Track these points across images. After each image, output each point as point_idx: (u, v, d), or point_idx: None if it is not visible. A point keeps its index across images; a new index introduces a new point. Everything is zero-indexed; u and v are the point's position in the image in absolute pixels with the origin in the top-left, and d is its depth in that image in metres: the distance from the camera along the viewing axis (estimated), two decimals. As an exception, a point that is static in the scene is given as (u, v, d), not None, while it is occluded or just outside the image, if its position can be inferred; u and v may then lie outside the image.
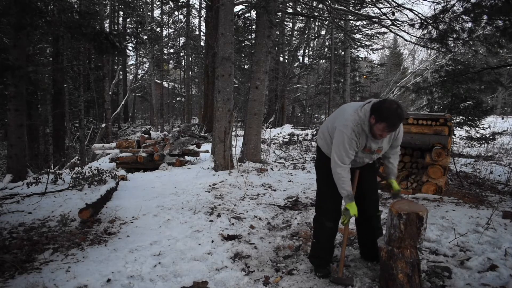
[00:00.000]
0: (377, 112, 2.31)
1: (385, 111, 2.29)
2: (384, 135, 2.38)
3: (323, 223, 2.71)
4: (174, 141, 8.33)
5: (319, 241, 2.74)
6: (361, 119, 2.41)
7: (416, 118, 5.47)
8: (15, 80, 5.53)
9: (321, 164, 2.75)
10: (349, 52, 15.87)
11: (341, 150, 2.46)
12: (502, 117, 21.73)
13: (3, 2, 5.51)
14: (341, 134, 2.45)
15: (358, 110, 2.44)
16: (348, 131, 2.41)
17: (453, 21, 6.05)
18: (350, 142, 2.43)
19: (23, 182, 5.50)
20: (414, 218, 2.24)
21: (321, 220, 2.73)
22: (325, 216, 2.72)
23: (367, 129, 2.41)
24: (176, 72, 32.82)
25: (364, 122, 2.40)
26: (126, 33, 16.61)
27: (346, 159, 2.48)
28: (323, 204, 2.75)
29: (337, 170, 2.49)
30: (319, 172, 2.80)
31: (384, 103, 2.34)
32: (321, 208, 2.75)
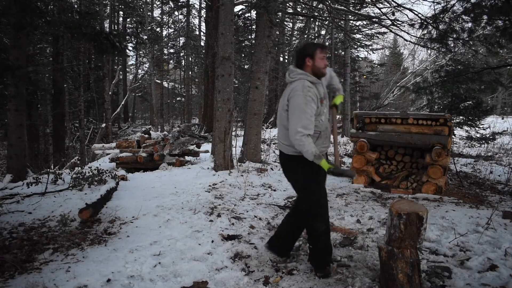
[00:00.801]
0: (306, 52, 2.45)
1: (308, 45, 2.51)
2: (326, 61, 2.47)
3: (318, 229, 2.60)
4: (174, 141, 8.33)
5: (317, 246, 2.66)
6: (303, 77, 2.41)
7: (416, 118, 5.47)
8: (15, 80, 5.54)
9: (292, 168, 2.59)
10: (349, 52, 15.87)
11: (301, 113, 2.33)
12: (502, 117, 21.75)
13: (3, 2, 5.51)
14: (296, 97, 2.35)
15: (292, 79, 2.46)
16: (301, 91, 2.35)
17: (453, 21, 6.05)
18: (306, 100, 2.33)
19: (23, 182, 5.50)
20: (414, 218, 2.24)
21: (316, 226, 2.60)
22: (318, 220, 2.60)
23: (312, 78, 2.43)
24: (176, 72, 32.83)
25: (307, 75, 2.42)
26: (126, 33, 16.63)
27: (306, 124, 2.33)
28: (313, 209, 2.59)
29: (299, 138, 2.32)
30: (294, 177, 2.62)
31: (300, 47, 2.55)
32: (312, 214, 2.61)
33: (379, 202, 4.77)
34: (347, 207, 4.52)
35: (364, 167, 5.73)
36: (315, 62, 2.43)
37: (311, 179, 2.54)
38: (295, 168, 2.56)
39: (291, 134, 2.36)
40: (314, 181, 2.55)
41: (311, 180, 2.53)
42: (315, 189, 2.57)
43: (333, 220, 3.96)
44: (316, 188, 2.58)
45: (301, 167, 2.50)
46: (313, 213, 2.59)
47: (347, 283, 2.56)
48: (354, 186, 5.65)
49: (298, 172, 2.56)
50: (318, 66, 2.44)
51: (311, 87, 2.38)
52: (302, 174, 2.54)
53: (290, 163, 2.59)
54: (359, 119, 5.93)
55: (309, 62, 2.43)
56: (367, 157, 5.70)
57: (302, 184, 2.59)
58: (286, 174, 2.69)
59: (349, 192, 5.33)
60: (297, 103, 2.34)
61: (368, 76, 21.39)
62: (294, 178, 2.64)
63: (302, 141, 2.32)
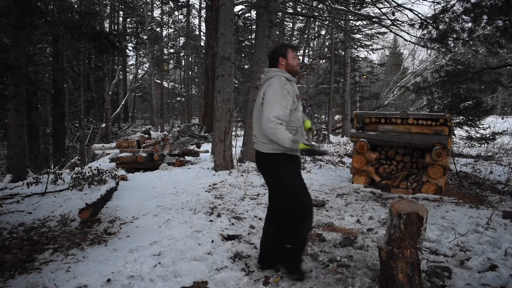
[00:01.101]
0: (279, 52, 2.54)
1: (279, 46, 2.60)
2: (297, 60, 2.58)
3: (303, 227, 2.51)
4: (174, 141, 8.33)
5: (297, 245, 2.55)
6: (279, 73, 2.47)
7: (416, 118, 5.47)
8: (15, 80, 5.54)
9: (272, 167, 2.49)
10: (349, 52, 15.87)
11: (276, 102, 2.33)
12: (502, 117, 21.76)
13: (3, 2, 5.51)
14: (272, 89, 2.38)
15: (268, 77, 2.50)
16: (277, 83, 2.40)
17: (453, 21, 6.05)
18: (283, 92, 2.37)
19: (23, 182, 5.50)
20: (414, 218, 2.24)
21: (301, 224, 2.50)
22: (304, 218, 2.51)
23: (287, 75, 2.49)
24: (176, 72, 32.83)
25: (282, 72, 2.49)
26: (126, 33, 16.63)
27: (281, 113, 2.32)
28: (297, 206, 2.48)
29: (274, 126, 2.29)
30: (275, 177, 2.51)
31: (272, 49, 2.63)
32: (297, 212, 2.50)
33: (379, 202, 4.77)
34: (347, 207, 4.52)
35: (364, 167, 5.73)
36: (288, 61, 2.53)
37: (293, 177, 2.51)
38: (276, 167, 2.49)
39: (264, 123, 2.33)
40: (296, 178, 2.53)
41: (293, 177, 2.51)
42: (299, 187, 2.52)
43: (333, 220, 3.96)
44: (300, 186, 2.53)
45: (282, 164, 2.46)
46: (298, 210, 2.51)
47: (347, 283, 2.56)
48: (354, 186, 5.65)
49: (279, 170, 2.48)
50: (291, 64, 2.54)
51: (286, 82, 2.45)
52: (284, 172, 2.47)
53: (270, 162, 2.51)
54: (359, 119, 5.93)
55: (282, 62, 2.53)
56: (367, 157, 5.70)
57: (284, 182, 2.49)
58: (265, 174, 2.60)
59: (349, 192, 5.33)
60: (273, 92, 2.37)
61: (368, 76, 21.38)
62: (275, 177, 2.53)
63: (278, 129, 2.30)
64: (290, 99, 2.42)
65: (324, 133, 14.93)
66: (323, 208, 4.48)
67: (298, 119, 2.53)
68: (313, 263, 2.88)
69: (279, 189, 2.55)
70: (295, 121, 2.49)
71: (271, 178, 2.58)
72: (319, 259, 2.95)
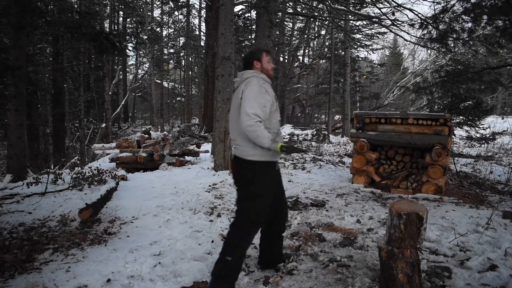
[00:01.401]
0: (254, 56, 2.50)
1: (253, 50, 2.57)
2: (272, 64, 2.56)
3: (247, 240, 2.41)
4: (174, 141, 8.33)
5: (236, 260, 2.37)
6: (256, 74, 2.43)
7: (416, 118, 5.47)
8: (15, 80, 5.54)
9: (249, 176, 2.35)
10: (349, 52, 15.87)
11: (255, 99, 2.25)
12: (502, 117, 21.76)
13: (3, 2, 5.51)
14: (250, 87, 2.31)
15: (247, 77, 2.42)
16: (255, 82, 2.33)
17: (453, 21, 6.05)
18: (261, 90, 2.30)
19: (23, 182, 5.50)
20: (414, 218, 2.24)
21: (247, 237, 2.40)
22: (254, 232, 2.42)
23: (263, 75, 2.46)
24: (176, 72, 32.83)
25: (259, 73, 2.45)
26: (126, 33, 16.63)
27: (259, 111, 2.22)
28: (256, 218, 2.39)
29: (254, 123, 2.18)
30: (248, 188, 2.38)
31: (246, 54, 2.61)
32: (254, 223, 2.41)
33: (379, 202, 4.77)
34: (347, 207, 4.52)
35: (364, 167, 5.73)
36: (263, 64, 2.50)
37: (263, 196, 2.37)
38: (252, 180, 2.35)
39: (243, 120, 2.20)
40: (264, 200, 2.39)
41: (263, 197, 2.37)
42: (262, 210, 2.39)
43: (333, 220, 3.96)
44: (264, 209, 2.40)
45: (259, 179, 2.34)
46: (249, 224, 2.39)
47: (347, 283, 2.56)
48: (354, 186, 5.65)
49: (254, 186, 2.35)
50: (266, 68, 2.51)
51: (265, 82, 2.42)
52: (257, 189, 2.35)
53: (248, 172, 2.36)
54: (359, 119, 5.93)
55: (257, 65, 2.49)
56: (367, 157, 5.70)
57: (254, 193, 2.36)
58: (239, 182, 2.45)
59: (349, 192, 5.33)
60: (252, 90, 2.29)
61: (368, 76, 21.40)
62: (247, 191, 2.40)
63: (258, 126, 2.19)
64: (270, 98, 2.35)
65: (324, 133, 14.93)
66: (323, 208, 4.48)
67: (276, 122, 2.46)
68: (313, 263, 2.88)
69: (244, 203, 2.41)
70: (274, 125, 2.41)
71: (243, 189, 2.43)
72: (319, 259, 2.95)
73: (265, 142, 2.22)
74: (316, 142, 13.00)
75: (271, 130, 2.37)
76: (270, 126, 2.36)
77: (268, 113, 2.32)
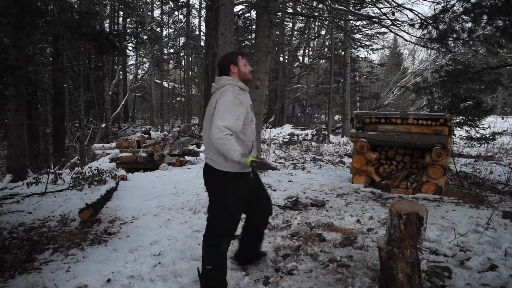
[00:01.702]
0: (230, 60, 2.42)
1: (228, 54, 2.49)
2: (249, 67, 2.47)
3: (222, 247, 2.37)
4: (174, 141, 8.33)
5: (217, 267, 2.37)
6: (233, 82, 2.33)
7: (416, 118, 5.47)
8: (15, 80, 5.54)
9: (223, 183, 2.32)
10: (349, 52, 15.87)
11: (228, 111, 2.16)
12: (502, 117, 21.76)
13: (3, 2, 5.51)
14: (224, 97, 2.22)
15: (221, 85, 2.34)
16: (230, 92, 2.24)
17: (453, 21, 6.05)
18: (235, 101, 2.21)
19: (23, 182, 5.51)
20: (414, 218, 2.24)
21: (221, 244, 2.36)
22: (227, 240, 2.42)
23: (241, 84, 2.37)
24: (176, 72, 32.82)
25: (236, 81, 2.36)
26: (126, 33, 16.63)
27: (232, 123, 2.15)
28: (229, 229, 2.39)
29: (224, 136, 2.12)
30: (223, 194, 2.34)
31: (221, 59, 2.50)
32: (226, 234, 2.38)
33: (379, 202, 4.77)
34: (347, 207, 4.52)
35: (364, 167, 5.73)
36: (240, 68, 2.41)
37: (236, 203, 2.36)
38: (224, 186, 2.32)
39: (213, 133, 2.14)
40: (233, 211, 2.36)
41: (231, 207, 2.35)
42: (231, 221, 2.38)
43: (333, 220, 3.96)
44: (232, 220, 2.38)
45: (229, 189, 2.30)
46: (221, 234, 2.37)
47: (347, 283, 2.56)
48: (354, 186, 5.65)
49: (223, 195, 2.33)
50: (243, 72, 2.42)
51: (240, 92, 2.29)
52: (226, 199, 2.33)
53: (218, 181, 2.33)
54: (359, 119, 5.93)
55: (234, 70, 2.40)
56: (367, 157, 5.70)
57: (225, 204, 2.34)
58: (210, 191, 2.43)
59: (349, 192, 5.33)
60: (225, 101, 2.20)
61: (368, 76, 21.39)
62: (216, 200, 2.38)
63: (228, 139, 2.12)
64: (243, 110, 2.25)
65: (324, 133, 14.93)
66: (323, 208, 4.48)
67: (253, 132, 2.40)
68: (313, 263, 2.88)
69: (214, 213, 2.40)
70: (250, 135, 2.36)
71: (213, 197, 2.42)
72: (319, 259, 2.95)
73: (235, 156, 2.15)
74: (316, 142, 13.00)
75: (245, 141, 2.33)
76: (244, 138, 2.32)
77: (241, 125, 2.24)
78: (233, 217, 2.39)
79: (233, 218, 2.39)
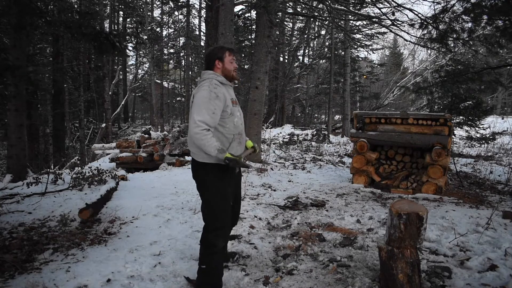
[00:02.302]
0: (216, 55, 2.38)
1: (216, 48, 2.45)
2: (235, 64, 2.43)
3: (217, 245, 2.35)
4: (174, 141, 8.33)
5: (213, 266, 2.35)
6: (212, 76, 2.33)
7: (416, 118, 5.47)
8: (15, 80, 5.53)
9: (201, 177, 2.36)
10: (349, 52, 15.87)
11: (203, 106, 2.17)
12: (502, 117, 21.77)
13: (3, 2, 5.51)
14: (200, 92, 2.23)
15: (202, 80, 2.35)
16: (206, 87, 2.23)
17: (453, 21, 6.05)
18: (211, 95, 2.20)
19: (23, 182, 5.50)
20: (414, 218, 2.24)
21: (216, 242, 2.34)
22: (222, 237, 2.38)
23: (221, 78, 2.35)
24: (176, 72, 32.82)
25: (216, 75, 2.35)
26: (126, 33, 16.60)
27: (207, 117, 2.16)
28: (220, 223, 2.35)
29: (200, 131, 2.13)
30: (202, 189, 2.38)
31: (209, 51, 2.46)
32: (218, 229, 2.35)
33: (379, 202, 4.78)
34: (347, 207, 4.52)
35: (364, 167, 5.73)
36: (225, 64, 2.39)
37: (217, 195, 2.34)
38: (204, 179, 2.35)
39: (190, 128, 2.18)
40: (219, 198, 2.35)
41: (217, 195, 2.34)
42: (219, 208, 2.35)
43: (333, 220, 3.96)
44: (220, 207, 2.35)
45: (211, 179, 2.32)
46: (214, 230, 2.36)
47: (347, 283, 2.56)
48: (354, 186, 5.65)
49: (206, 184, 2.35)
50: (228, 69, 2.40)
51: (218, 85, 2.29)
52: (209, 187, 2.34)
53: (201, 172, 2.36)
54: (359, 119, 5.93)
55: (219, 65, 2.39)
56: (367, 157, 5.70)
57: (206, 198, 2.37)
58: (196, 183, 2.45)
59: (349, 192, 5.33)
60: (201, 96, 2.22)
61: (368, 76, 21.40)
62: (201, 190, 2.40)
63: (204, 135, 2.15)
64: (220, 103, 2.24)
65: (324, 133, 14.93)
66: (323, 208, 4.48)
67: (236, 126, 2.37)
68: (313, 263, 2.88)
69: (203, 207, 2.41)
70: (231, 128, 2.34)
71: (199, 192, 2.43)
72: (319, 259, 2.95)
73: (211, 151, 2.17)
74: (316, 142, 13.00)
75: (225, 134, 2.33)
76: (224, 131, 2.32)
77: (217, 119, 2.24)
78: (219, 209, 2.34)
79: (220, 210, 2.34)
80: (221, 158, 2.19)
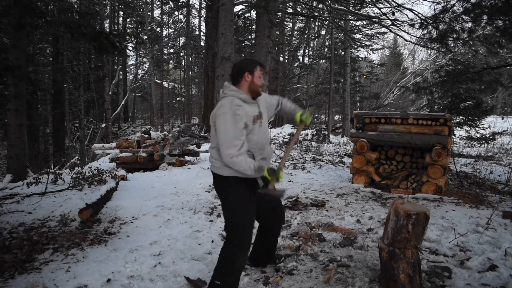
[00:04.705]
0: (246, 67, 2.29)
1: (248, 60, 2.36)
2: (263, 80, 2.35)
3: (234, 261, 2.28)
4: (174, 141, 8.32)
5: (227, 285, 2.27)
6: (234, 94, 2.25)
7: (416, 118, 5.47)
8: (15, 80, 5.53)
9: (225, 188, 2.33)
10: (349, 52, 15.86)
11: (229, 132, 2.14)
12: (502, 117, 21.77)
13: (3, 2, 5.51)
14: (222, 116, 2.16)
15: (224, 95, 2.28)
16: (227, 109, 2.16)
17: (453, 21, 6.06)
18: (235, 119, 2.14)
19: (23, 182, 5.50)
20: (422, 218, 2.24)
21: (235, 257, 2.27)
22: (241, 252, 2.31)
23: (244, 96, 2.26)
24: (176, 72, 32.82)
25: (239, 93, 2.26)
26: (126, 33, 16.57)
27: (237, 142, 2.14)
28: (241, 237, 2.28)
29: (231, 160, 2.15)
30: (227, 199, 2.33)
31: (239, 62, 2.38)
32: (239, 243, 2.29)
33: (379, 202, 4.78)
34: (347, 207, 4.52)
35: (364, 167, 5.73)
36: (254, 78, 2.30)
37: (238, 206, 2.29)
38: (226, 191, 2.32)
39: (223, 157, 2.18)
40: (241, 209, 2.29)
41: (238, 207, 2.29)
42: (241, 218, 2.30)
43: (333, 220, 3.96)
44: (242, 217, 2.30)
45: (233, 190, 2.28)
46: (235, 245, 2.30)
47: (347, 283, 2.56)
48: (354, 186, 5.65)
49: (228, 195, 2.31)
50: (256, 83, 2.30)
51: (239, 105, 2.20)
52: (231, 198, 2.30)
53: (222, 184, 2.34)
54: (359, 119, 5.93)
55: (247, 78, 2.28)
56: (367, 157, 5.70)
57: (228, 210, 2.33)
58: (219, 195, 2.43)
59: (349, 192, 5.33)
60: (224, 122, 2.16)
61: (368, 76, 21.39)
62: (223, 202, 2.38)
63: (237, 162, 2.15)
64: (243, 124, 2.19)
65: (324, 133, 14.93)
66: (323, 208, 4.48)
67: (256, 142, 2.29)
68: (313, 263, 2.88)
69: (225, 218, 2.36)
70: (251, 145, 2.28)
71: (221, 201, 2.40)
72: (319, 259, 2.95)
73: (250, 173, 2.19)
74: (316, 142, 13.00)
75: (253, 149, 2.28)
76: (249, 145, 2.26)
77: (245, 136, 2.20)
78: (242, 222, 2.29)
79: (243, 224, 2.29)
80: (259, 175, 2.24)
